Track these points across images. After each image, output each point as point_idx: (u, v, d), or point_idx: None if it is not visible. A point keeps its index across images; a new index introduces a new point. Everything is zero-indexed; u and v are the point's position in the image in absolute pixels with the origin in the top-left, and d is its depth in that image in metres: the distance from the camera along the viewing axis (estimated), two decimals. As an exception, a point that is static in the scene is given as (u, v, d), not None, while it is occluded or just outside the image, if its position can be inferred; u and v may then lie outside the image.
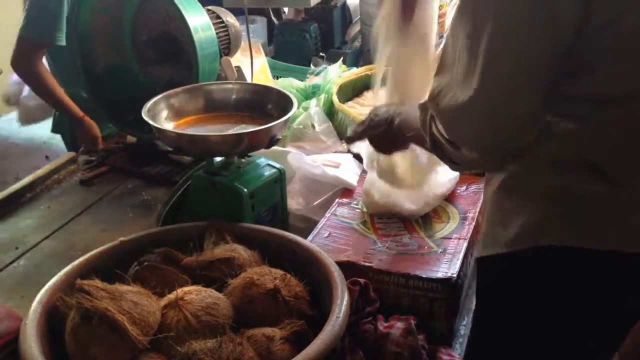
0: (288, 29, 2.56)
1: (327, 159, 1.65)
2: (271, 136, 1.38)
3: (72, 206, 1.70)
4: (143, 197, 1.74)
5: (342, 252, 1.29)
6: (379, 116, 1.25)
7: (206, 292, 1.06)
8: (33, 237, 1.57)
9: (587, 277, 0.96)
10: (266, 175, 1.39)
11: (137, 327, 0.97)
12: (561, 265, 0.97)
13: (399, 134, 1.20)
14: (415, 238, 1.34)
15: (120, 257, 1.20)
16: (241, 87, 1.57)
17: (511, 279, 1.03)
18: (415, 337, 1.13)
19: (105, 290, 1.00)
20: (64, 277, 1.13)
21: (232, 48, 1.90)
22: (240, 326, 1.05)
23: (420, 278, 1.20)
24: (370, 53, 2.51)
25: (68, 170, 1.88)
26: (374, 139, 1.28)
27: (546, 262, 0.97)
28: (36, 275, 1.41)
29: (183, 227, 1.30)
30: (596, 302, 0.98)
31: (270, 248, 1.23)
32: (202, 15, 1.73)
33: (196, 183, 1.40)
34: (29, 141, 4.52)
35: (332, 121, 1.84)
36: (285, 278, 1.12)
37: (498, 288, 1.06)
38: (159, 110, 1.46)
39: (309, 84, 2.09)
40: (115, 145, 2.00)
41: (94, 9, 1.87)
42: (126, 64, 1.94)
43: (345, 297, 1.06)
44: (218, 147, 1.37)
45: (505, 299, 1.05)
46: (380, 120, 1.24)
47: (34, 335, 0.99)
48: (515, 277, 1.02)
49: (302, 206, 1.53)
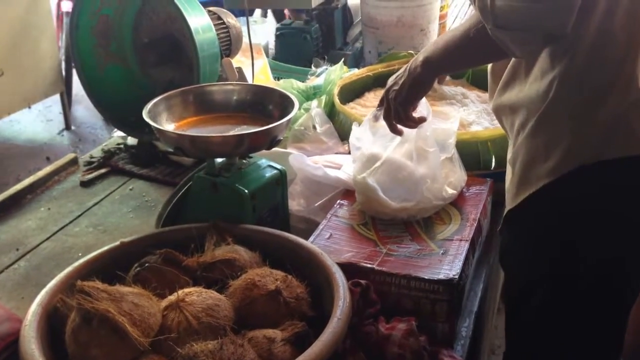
0: (289, 30, 2.55)
1: (329, 160, 1.64)
2: (272, 137, 1.37)
3: (72, 208, 1.70)
4: (144, 199, 1.74)
5: (343, 253, 1.28)
6: (392, 79, 1.32)
7: (207, 294, 1.06)
8: (33, 238, 1.57)
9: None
10: (267, 176, 1.39)
11: (138, 329, 0.97)
12: (617, 178, 1.06)
13: (425, 69, 1.24)
14: (417, 239, 1.33)
15: (121, 258, 1.19)
16: (242, 88, 1.57)
17: (560, 204, 1.11)
18: (416, 339, 1.13)
19: (105, 292, 0.99)
20: (64, 279, 1.12)
21: (233, 49, 1.90)
22: (241, 327, 1.05)
23: (422, 279, 1.20)
24: (371, 54, 2.52)
25: (68, 171, 1.88)
26: (394, 96, 1.31)
27: (599, 178, 1.06)
28: (36, 276, 1.41)
29: (184, 228, 1.29)
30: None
31: (271, 249, 1.23)
32: (203, 17, 1.73)
33: (197, 184, 1.40)
34: (30, 142, 4.53)
35: (333, 122, 1.84)
36: (286, 279, 1.11)
37: (546, 216, 1.14)
38: (160, 112, 1.45)
39: (310, 85, 2.09)
40: (116, 146, 1.99)
41: (95, 10, 1.87)
42: (127, 66, 1.94)
43: (346, 298, 1.06)
44: (219, 148, 1.37)
45: (553, 225, 1.13)
46: (398, 75, 1.30)
47: (34, 337, 0.99)
48: (564, 200, 1.10)
49: (303, 207, 1.53)
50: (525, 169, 1.15)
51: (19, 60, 3.90)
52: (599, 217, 1.09)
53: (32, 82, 4.06)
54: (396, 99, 1.31)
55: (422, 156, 1.44)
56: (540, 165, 1.11)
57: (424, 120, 1.38)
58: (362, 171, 1.43)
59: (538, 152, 1.12)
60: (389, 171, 1.42)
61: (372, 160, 1.44)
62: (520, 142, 1.16)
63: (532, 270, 1.21)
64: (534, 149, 1.13)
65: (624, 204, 1.08)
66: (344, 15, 2.73)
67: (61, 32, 4.63)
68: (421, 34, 2.45)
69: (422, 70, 1.25)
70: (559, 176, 1.09)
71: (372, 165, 1.43)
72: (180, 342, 0.98)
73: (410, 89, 1.28)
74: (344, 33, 2.75)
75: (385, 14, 2.43)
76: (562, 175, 1.08)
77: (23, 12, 3.89)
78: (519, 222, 1.22)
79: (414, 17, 2.42)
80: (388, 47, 2.45)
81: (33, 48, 3.99)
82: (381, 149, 1.45)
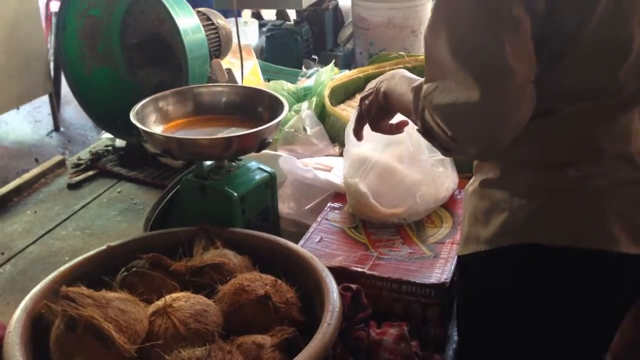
0: (280, 31, 2.54)
1: (319, 163, 1.63)
2: (262, 139, 1.36)
3: (59, 211, 1.68)
4: (132, 202, 1.72)
5: (333, 257, 1.27)
6: (370, 84, 1.25)
7: (195, 299, 1.04)
8: (19, 242, 1.55)
9: (572, 275, 0.97)
10: (257, 179, 1.37)
11: (124, 335, 0.95)
12: (545, 263, 0.98)
13: (385, 102, 1.18)
14: (408, 243, 1.32)
15: (108, 263, 1.18)
16: (231, 90, 1.55)
17: (491, 277, 1.04)
18: (408, 344, 1.11)
19: (91, 297, 0.98)
20: (49, 284, 1.10)
21: (222, 50, 1.88)
22: (230, 333, 1.03)
23: (413, 284, 1.18)
24: (362, 55, 2.52)
25: (56, 173, 1.86)
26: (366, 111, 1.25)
27: (528, 260, 0.98)
28: (22, 281, 1.39)
29: (172, 232, 1.28)
30: (581, 301, 0.99)
31: (261, 253, 1.21)
32: (192, 17, 1.71)
33: (185, 187, 1.38)
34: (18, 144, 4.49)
35: (324, 124, 1.83)
36: (276, 284, 1.10)
37: (478, 287, 1.07)
38: (148, 113, 1.43)
39: (300, 87, 2.07)
40: (104, 148, 1.97)
41: (82, 10, 1.84)
42: (114, 67, 1.92)
43: (337, 303, 1.04)
44: (207, 150, 1.35)
45: (487, 297, 1.06)
46: (371, 89, 1.23)
47: (18, 344, 0.96)
48: (495, 275, 1.03)
49: (293, 210, 1.51)
50: (469, 224, 1.07)
51: (7, 61, 3.86)
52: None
53: (20, 82, 4.02)
54: (367, 114, 1.25)
55: (414, 160, 1.42)
56: (480, 230, 1.03)
57: (405, 124, 1.30)
58: (353, 174, 1.41)
59: (480, 213, 1.04)
60: (380, 176, 1.40)
61: (363, 162, 1.42)
62: (468, 191, 1.09)
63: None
64: (477, 208, 1.05)
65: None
66: (335, 17, 2.72)
67: (50, 33, 4.60)
68: (412, 35, 2.45)
69: (384, 101, 1.19)
70: (493, 248, 1.01)
71: (363, 167, 1.41)
72: (167, 349, 0.96)
73: (377, 111, 1.22)
74: (335, 34, 2.74)
75: (376, 15, 2.42)
76: (498, 249, 1.01)
77: (11, 13, 3.85)
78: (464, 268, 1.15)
79: (404, 18, 2.42)
80: (379, 48, 2.44)
81: (21, 48, 3.96)
82: (373, 151, 1.44)
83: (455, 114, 0.90)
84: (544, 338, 1.01)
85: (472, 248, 1.04)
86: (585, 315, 1.00)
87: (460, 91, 0.88)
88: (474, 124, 0.90)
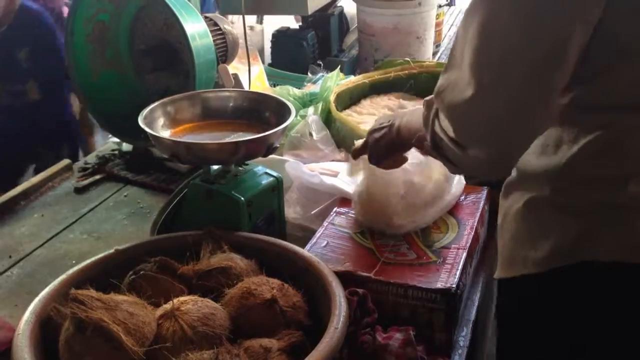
0: (285, 37, 2.55)
1: (325, 168, 1.63)
2: (269, 144, 1.36)
3: (66, 214, 1.69)
4: (138, 205, 1.73)
5: (340, 261, 1.27)
6: (381, 120, 1.25)
7: (203, 302, 1.05)
8: (27, 245, 1.55)
9: (632, 291, 0.92)
10: (263, 183, 1.38)
11: (132, 338, 0.96)
12: (604, 280, 0.93)
13: (397, 137, 1.19)
14: (414, 248, 1.32)
15: (116, 266, 1.18)
16: (239, 95, 1.56)
17: (543, 300, 1.00)
18: (414, 348, 1.12)
19: (100, 300, 0.98)
20: (57, 287, 1.11)
21: (229, 55, 1.89)
22: (237, 337, 1.04)
23: (419, 288, 1.19)
24: (367, 61, 2.52)
25: (62, 177, 1.86)
26: (373, 144, 1.26)
27: (586, 278, 0.94)
28: (29, 283, 1.40)
29: (179, 236, 1.28)
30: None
31: (268, 257, 1.22)
32: (199, 23, 1.72)
33: (192, 191, 1.39)
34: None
35: (330, 129, 1.83)
36: (282, 288, 1.10)
37: (525, 309, 1.04)
38: (156, 118, 1.45)
39: (306, 92, 2.08)
40: (110, 152, 1.98)
41: (90, 16, 1.86)
42: (122, 72, 1.93)
43: (343, 307, 1.05)
44: (215, 155, 1.36)
45: (536, 319, 1.02)
46: (383, 124, 1.24)
47: (27, 346, 0.97)
48: (548, 296, 0.99)
49: (299, 215, 1.52)
50: (515, 245, 1.05)
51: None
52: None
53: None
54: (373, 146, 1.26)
55: (428, 177, 1.41)
56: (528, 252, 1.00)
57: (405, 160, 1.30)
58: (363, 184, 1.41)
59: (528, 234, 1.01)
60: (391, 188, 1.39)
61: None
62: (511, 211, 1.05)
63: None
64: (524, 229, 1.02)
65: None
66: (340, 22, 2.72)
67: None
68: (417, 41, 2.45)
69: (397, 135, 1.20)
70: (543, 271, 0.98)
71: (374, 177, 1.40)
72: (175, 352, 0.97)
73: (387, 144, 1.23)
74: (340, 40, 2.75)
75: (381, 21, 2.43)
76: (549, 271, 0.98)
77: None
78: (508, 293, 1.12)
79: (410, 24, 2.42)
80: (384, 54, 2.44)
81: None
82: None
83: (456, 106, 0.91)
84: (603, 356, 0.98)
85: (518, 271, 1.01)
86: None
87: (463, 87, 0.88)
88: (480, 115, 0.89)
